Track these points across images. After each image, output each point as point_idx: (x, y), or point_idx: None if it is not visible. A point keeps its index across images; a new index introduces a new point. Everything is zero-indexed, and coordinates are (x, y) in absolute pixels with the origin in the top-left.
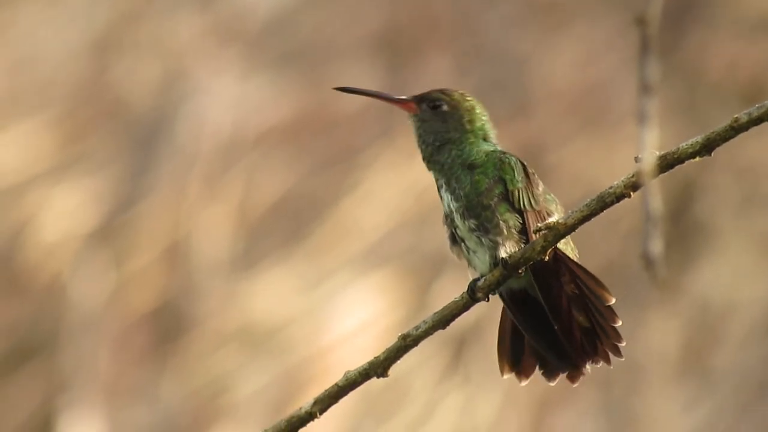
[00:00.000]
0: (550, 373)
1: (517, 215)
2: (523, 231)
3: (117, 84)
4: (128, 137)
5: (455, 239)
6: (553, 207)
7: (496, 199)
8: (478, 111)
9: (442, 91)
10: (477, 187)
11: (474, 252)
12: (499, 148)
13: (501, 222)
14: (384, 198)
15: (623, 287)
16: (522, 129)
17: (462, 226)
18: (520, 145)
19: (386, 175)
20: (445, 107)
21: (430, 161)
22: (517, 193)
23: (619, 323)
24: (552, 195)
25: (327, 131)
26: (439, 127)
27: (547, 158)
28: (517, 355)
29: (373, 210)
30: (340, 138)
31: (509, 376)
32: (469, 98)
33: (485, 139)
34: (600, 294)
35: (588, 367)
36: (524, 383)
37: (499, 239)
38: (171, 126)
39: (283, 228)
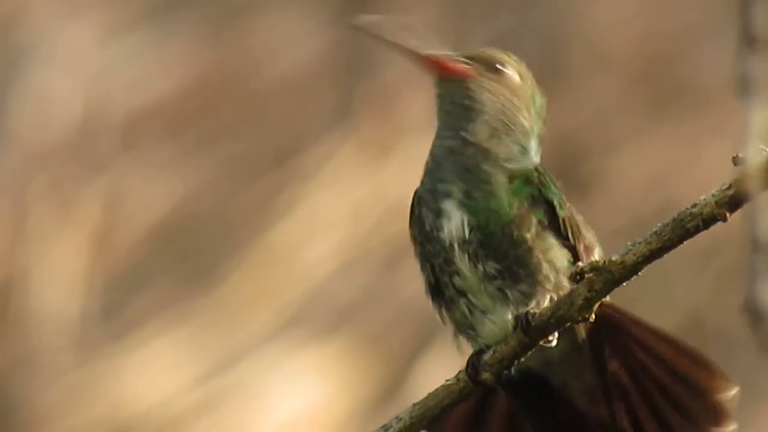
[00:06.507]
0: None
1: (568, 252)
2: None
3: None
4: None
5: (439, 292)
6: (590, 235)
7: (534, 231)
8: (539, 97)
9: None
10: (503, 210)
11: (484, 312)
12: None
13: (545, 264)
14: (334, 222)
15: (717, 357)
16: (552, 114)
17: (469, 272)
18: (549, 139)
19: (338, 186)
20: (513, 74)
21: (451, 151)
22: (564, 223)
23: (732, 428)
24: (581, 216)
25: (241, 115)
26: (501, 103)
27: (590, 160)
28: None
29: (317, 241)
30: (264, 126)
31: None
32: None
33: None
34: (700, 379)
35: None
36: None
37: (538, 291)
38: None
39: (173, 268)
